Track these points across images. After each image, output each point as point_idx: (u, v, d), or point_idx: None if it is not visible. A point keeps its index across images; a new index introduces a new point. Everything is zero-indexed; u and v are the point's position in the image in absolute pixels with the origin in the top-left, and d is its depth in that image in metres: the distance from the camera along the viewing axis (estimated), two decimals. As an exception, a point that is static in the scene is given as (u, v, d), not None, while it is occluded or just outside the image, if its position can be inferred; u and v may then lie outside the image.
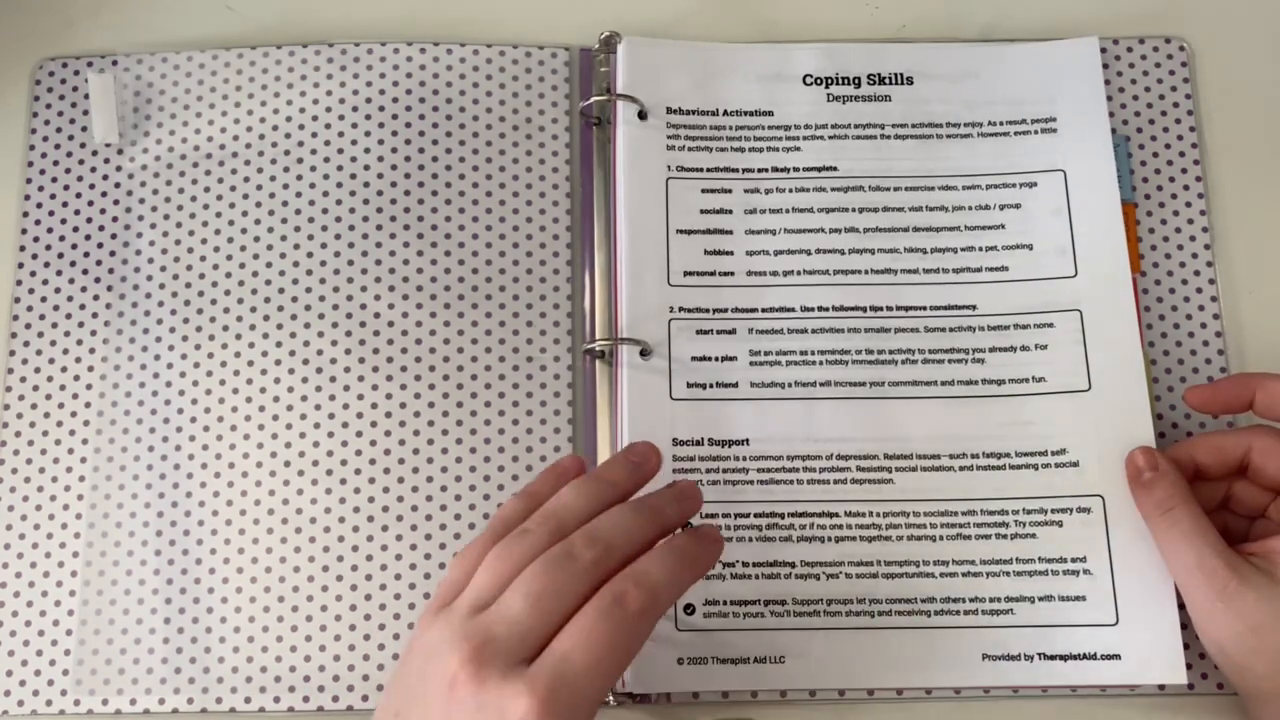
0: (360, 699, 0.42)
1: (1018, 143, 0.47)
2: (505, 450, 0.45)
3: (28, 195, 0.48)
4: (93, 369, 0.46)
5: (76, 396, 0.45)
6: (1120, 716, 0.42)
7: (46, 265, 0.47)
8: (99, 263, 0.47)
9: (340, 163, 0.47)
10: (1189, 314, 0.46)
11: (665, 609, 0.35)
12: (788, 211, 0.47)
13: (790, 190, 0.47)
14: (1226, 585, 0.38)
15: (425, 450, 0.45)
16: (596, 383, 0.45)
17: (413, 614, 0.43)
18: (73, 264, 0.47)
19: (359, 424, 0.45)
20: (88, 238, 0.47)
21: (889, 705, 0.42)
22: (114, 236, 0.47)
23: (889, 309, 0.45)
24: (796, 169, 0.47)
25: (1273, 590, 0.37)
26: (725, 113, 0.48)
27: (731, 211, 0.47)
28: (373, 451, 0.45)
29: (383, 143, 0.48)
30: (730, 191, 0.47)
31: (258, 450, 0.45)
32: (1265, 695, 0.38)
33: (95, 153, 0.48)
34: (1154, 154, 0.48)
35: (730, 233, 0.46)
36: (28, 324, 0.46)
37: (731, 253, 0.46)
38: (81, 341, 0.46)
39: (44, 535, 0.44)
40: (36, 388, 0.46)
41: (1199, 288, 0.46)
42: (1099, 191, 0.46)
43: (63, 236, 0.47)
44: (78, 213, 0.47)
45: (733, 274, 0.46)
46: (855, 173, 0.47)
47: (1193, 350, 0.46)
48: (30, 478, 0.45)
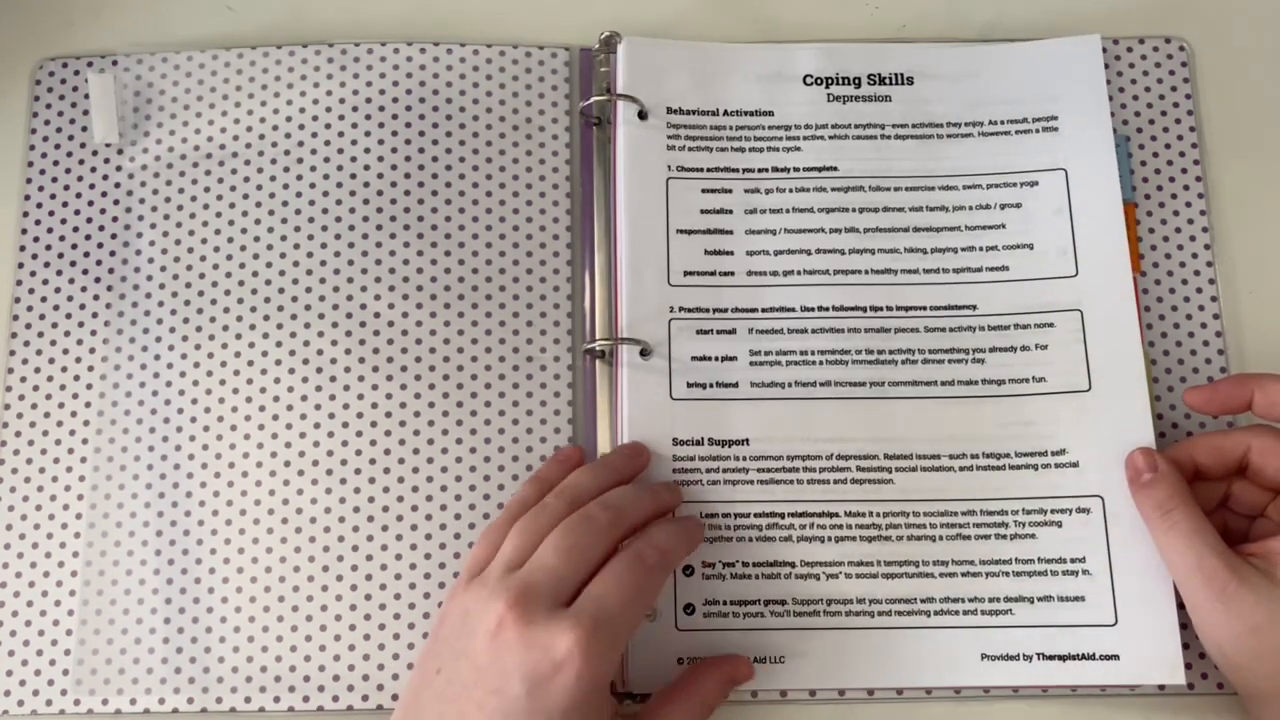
0: (360, 699, 0.42)
1: (1018, 142, 0.47)
2: (505, 450, 0.45)
3: (28, 195, 0.48)
4: (93, 369, 0.46)
5: (76, 396, 0.45)
6: (1120, 716, 0.42)
7: (46, 265, 0.47)
8: (99, 263, 0.47)
9: (340, 163, 0.47)
10: (1189, 314, 0.46)
11: (673, 568, 0.41)
12: (788, 211, 0.47)
13: (790, 190, 0.47)
14: (1226, 586, 0.38)
15: (425, 450, 0.45)
16: (596, 383, 0.45)
17: (413, 614, 0.43)
18: (73, 264, 0.47)
19: (359, 424, 0.45)
20: (88, 238, 0.47)
21: (889, 705, 0.42)
22: (114, 236, 0.47)
23: (889, 309, 0.45)
24: (797, 169, 0.47)
25: (1272, 592, 0.37)
26: (725, 113, 0.48)
27: (732, 211, 0.47)
28: (373, 451, 0.45)
29: (383, 143, 0.48)
30: (730, 191, 0.47)
31: (258, 450, 0.45)
32: (1265, 696, 0.38)
33: (95, 153, 0.48)
34: (1154, 154, 0.48)
35: (730, 233, 0.46)
36: (28, 324, 0.46)
37: (732, 253, 0.46)
38: (81, 341, 0.46)
39: (44, 535, 0.44)
40: (36, 388, 0.46)
41: (1199, 288, 0.46)
42: (1100, 191, 0.46)
43: (63, 236, 0.47)
44: (78, 213, 0.47)
45: (733, 274, 0.46)
46: (855, 173, 0.47)
47: (1193, 350, 0.46)
48: (30, 478, 0.45)
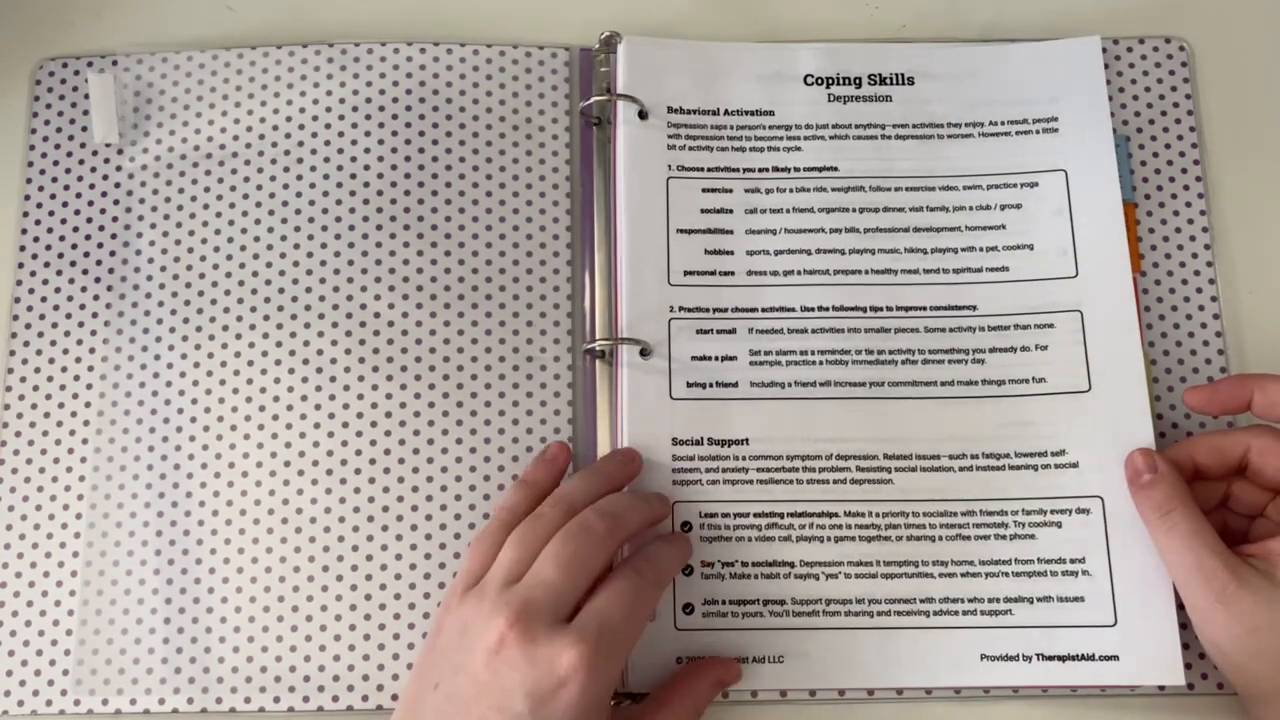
0: (360, 699, 0.42)
1: (1019, 143, 0.47)
2: (505, 450, 0.45)
3: (28, 195, 0.48)
4: (93, 369, 0.46)
5: (76, 396, 0.45)
6: (1120, 717, 0.42)
7: (46, 265, 0.47)
8: (99, 263, 0.47)
9: (340, 163, 0.47)
10: (1189, 314, 0.46)
11: (667, 584, 0.41)
12: (788, 211, 0.47)
13: (791, 190, 0.47)
14: (1225, 588, 0.38)
15: (425, 450, 0.45)
16: (596, 382, 0.45)
17: (413, 614, 0.43)
18: (73, 264, 0.47)
19: (359, 424, 0.45)
20: (88, 238, 0.47)
21: (889, 705, 0.42)
22: (114, 236, 0.47)
23: (889, 309, 0.45)
24: (797, 169, 0.47)
25: (1271, 593, 0.37)
26: (726, 112, 0.48)
27: (732, 211, 0.47)
28: (373, 451, 0.45)
29: (383, 143, 0.48)
30: (731, 191, 0.47)
31: (258, 450, 0.45)
32: (1265, 696, 0.39)
33: (95, 153, 0.48)
34: (1154, 154, 0.48)
35: (731, 232, 0.46)
36: (28, 324, 0.46)
37: (732, 252, 0.46)
38: (81, 341, 0.46)
39: (44, 535, 0.44)
40: (36, 388, 0.46)
41: (1199, 288, 0.46)
42: (1100, 191, 0.46)
43: (63, 236, 0.47)
44: (78, 213, 0.47)
45: (733, 274, 0.46)
46: (856, 173, 0.47)
47: (1193, 350, 0.46)
48: (30, 478, 0.45)
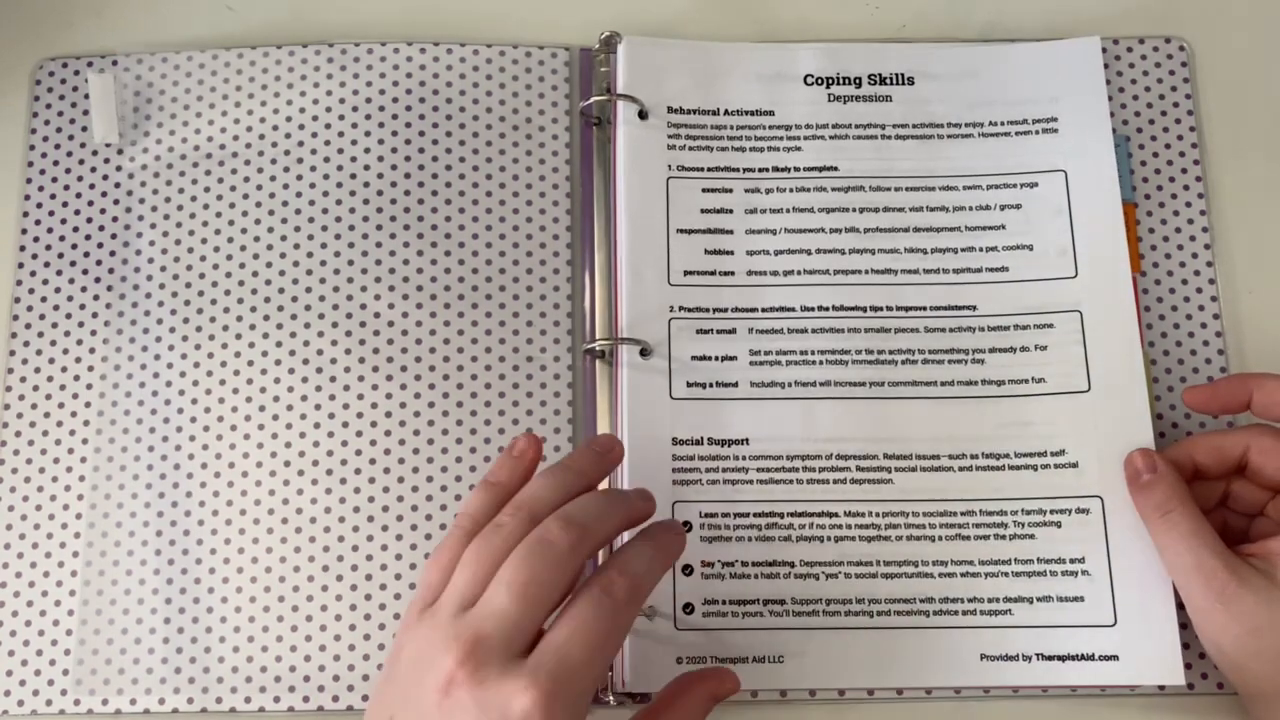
0: (360, 699, 0.42)
1: (1019, 143, 0.47)
2: (505, 450, 0.45)
3: (28, 195, 0.48)
4: (93, 369, 0.46)
5: (76, 396, 0.45)
6: (1120, 716, 0.42)
7: (46, 265, 0.47)
8: (99, 263, 0.47)
9: (340, 163, 0.47)
10: (1189, 314, 0.46)
11: (647, 595, 0.35)
12: (788, 211, 0.47)
13: (791, 190, 0.47)
14: (1225, 587, 0.38)
15: (425, 450, 0.45)
16: (596, 383, 0.45)
17: (413, 614, 0.43)
18: (73, 264, 0.47)
19: (359, 424, 0.45)
20: (88, 238, 0.47)
21: (889, 705, 0.42)
22: (114, 236, 0.47)
23: (889, 309, 0.45)
24: (797, 169, 0.47)
25: (1271, 592, 0.37)
26: (726, 112, 0.48)
27: (732, 211, 0.47)
28: (373, 451, 0.45)
29: (383, 143, 0.48)
30: (731, 191, 0.47)
31: (258, 450, 0.45)
32: (1265, 696, 0.38)
33: (95, 153, 0.48)
34: (1154, 154, 0.48)
35: (731, 232, 0.46)
36: (28, 324, 0.46)
37: (732, 252, 0.46)
38: (81, 341, 0.46)
39: (44, 535, 0.44)
40: (36, 388, 0.46)
41: (1199, 288, 0.46)
42: (1100, 192, 0.46)
43: (63, 236, 0.47)
44: (78, 213, 0.47)
45: (733, 274, 0.46)
46: (856, 173, 0.47)
47: (1193, 350, 0.46)
48: (30, 478, 0.45)
